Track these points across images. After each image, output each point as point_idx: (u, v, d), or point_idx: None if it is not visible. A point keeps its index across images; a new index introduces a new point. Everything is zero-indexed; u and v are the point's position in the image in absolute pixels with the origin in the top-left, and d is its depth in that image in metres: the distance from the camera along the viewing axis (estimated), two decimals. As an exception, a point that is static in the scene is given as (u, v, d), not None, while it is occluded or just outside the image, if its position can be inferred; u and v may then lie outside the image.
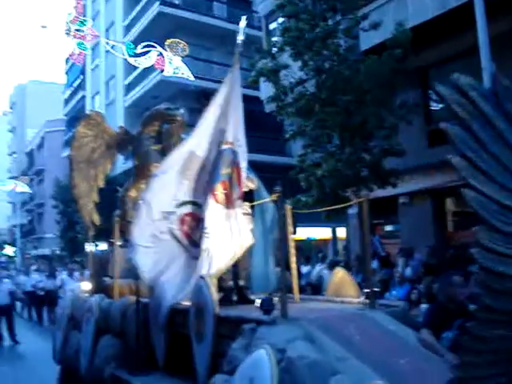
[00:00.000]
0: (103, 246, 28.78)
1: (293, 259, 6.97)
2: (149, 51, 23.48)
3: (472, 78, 2.94)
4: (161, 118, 9.68)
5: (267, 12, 20.28)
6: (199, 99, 25.21)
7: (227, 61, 30.19)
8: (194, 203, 6.96)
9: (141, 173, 9.57)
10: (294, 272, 7.11)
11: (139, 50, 23.27)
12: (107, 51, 29.97)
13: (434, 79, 15.70)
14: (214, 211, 6.60)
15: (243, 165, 6.84)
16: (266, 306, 5.31)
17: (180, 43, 24.07)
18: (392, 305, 6.37)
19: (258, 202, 7.16)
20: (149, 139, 9.62)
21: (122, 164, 15.72)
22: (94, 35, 22.84)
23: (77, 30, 20.79)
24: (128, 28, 32.39)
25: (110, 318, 7.96)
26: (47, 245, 50.47)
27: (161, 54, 23.99)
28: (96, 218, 9.97)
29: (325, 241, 24.81)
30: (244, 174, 6.88)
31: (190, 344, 5.90)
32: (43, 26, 26.58)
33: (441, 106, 15.58)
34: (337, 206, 9.99)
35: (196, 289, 6.07)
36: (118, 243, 8.60)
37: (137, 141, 9.76)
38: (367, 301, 6.06)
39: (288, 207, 6.98)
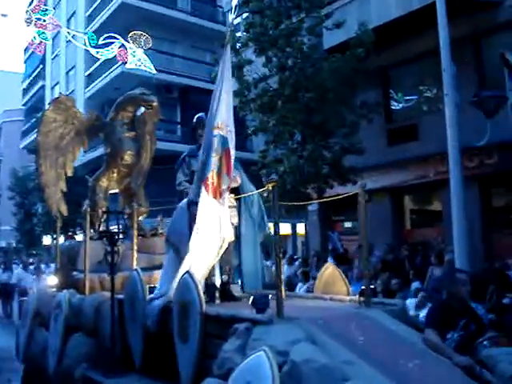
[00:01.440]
0: (61, 239, 28.62)
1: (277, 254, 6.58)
2: (111, 43, 23.25)
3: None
4: (135, 103, 9.25)
5: (231, 7, 20.24)
6: (161, 92, 25.10)
7: (190, 54, 30.12)
8: (195, 203, 6.28)
9: (113, 161, 9.22)
10: (280, 267, 6.69)
11: (101, 41, 23.03)
12: (68, 41, 29.63)
13: (395, 79, 15.96)
14: (204, 203, 6.12)
15: (232, 152, 6.38)
16: (260, 304, 5.00)
17: (143, 35, 23.89)
18: (389, 303, 6.01)
19: (247, 194, 6.91)
20: (122, 126, 9.19)
21: (81, 157, 15.52)
22: (55, 25, 22.52)
23: (38, 19, 20.44)
24: (90, 18, 31.93)
25: (82, 314, 7.52)
26: (3, 237, 49.44)
27: (123, 45, 23.79)
28: (64, 209, 9.49)
29: (284, 237, 24.94)
30: (233, 162, 6.41)
31: (171, 344, 5.52)
32: (3, 15, 26.09)
33: (401, 105, 15.84)
34: (334, 198, 10.06)
35: (181, 285, 5.61)
36: (88, 235, 8.21)
37: (109, 127, 9.28)
38: (362, 299, 5.73)
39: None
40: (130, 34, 23.54)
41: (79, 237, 25.15)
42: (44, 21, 21.14)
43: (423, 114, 14.89)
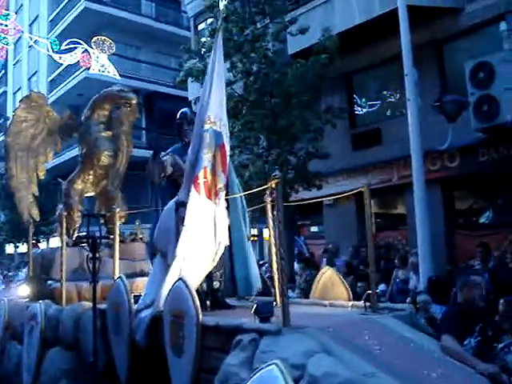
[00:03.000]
0: (23, 247, 28.12)
1: (274, 258, 6.31)
2: (74, 48, 23.04)
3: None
4: (112, 101, 8.83)
5: (196, 12, 20.24)
6: (126, 98, 24.92)
7: (155, 60, 30.02)
8: (184, 204, 5.82)
9: (88, 162, 8.80)
10: (275, 271, 6.26)
11: (64, 46, 22.81)
12: (30, 46, 29.26)
13: (359, 84, 16.12)
14: (195, 204, 5.65)
15: (227, 148, 5.98)
16: (264, 312, 4.62)
17: (106, 41, 23.74)
18: (396, 308, 5.63)
19: (238, 194, 6.62)
20: (98, 125, 8.75)
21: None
22: (17, 29, 22.25)
23: (-1, 24, 20.13)
24: (53, 23, 31.58)
25: (60, 327, 7.02)
26: (-36, 245, 48.51)
27: (86, 50, 23.59)
28: (36, 213, 9.08)
29: (252, 241, 24.95)
30: (228, 158, 6.04)
31: (162, 358, 5.14)
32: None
33: (365, 110, 15.99)
34: (337, 196, 10.07)
35: (174, 293, 5.17)
36: (64, 241, 7.74)
37: (84, 126, 8.82)
38: (367, 304, 5.42)
39: (268, 199, 6.41)
40: (93, 40, 23.37)
41: (42, 244, 24.81)
42: (5, 25, 20.89)
43: (386, 119, 15.07)
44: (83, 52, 23.50)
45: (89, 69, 23.87)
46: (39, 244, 22.43)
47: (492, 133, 11.73)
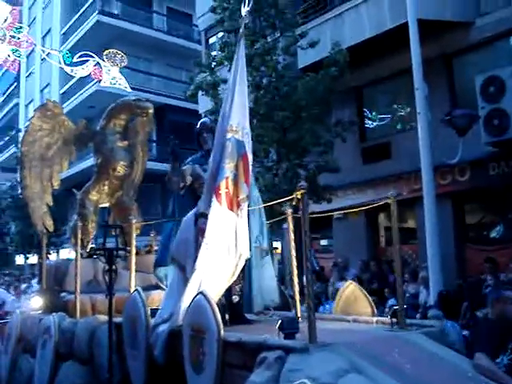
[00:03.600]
0: (33, 258, 28.17)
1: (294, 271, 6.10)
2: (86, 61, 23.20)
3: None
4: (129, 110, 8.67)
5: (207, 26, 20.35)
6: (136, 111, 25.05)
7: (166, 73, 30.16)
8: (204, 215, 5.66)
9: (104, 172, 8.66)
10: (296, 285, 6.14)
11: (76, 59, 22.97)
12: (43, 59, 29.49)
13: (369, 98, 16.12)
14: (216, 215, 5.45)
15: (250, 157, 5.79)
16: (289, 328, 4.41)
17: (118, 53, 23.85)
18: (425, 325, 5.42)
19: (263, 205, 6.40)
20: (114, 134, 8.62)
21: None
22: (29, 42, 22.42)
23: (12, 37, 20.33)
24: (65, 36, 31.84)
25: (74, 340, 6.80)
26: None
27: (98, 63, 23.75)
28: (49, 224, 8.87)
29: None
30: (251, 168, 5.83)
31: (181, 374, 4.92)
32: (-24, 32, 25.85)
33: (375, 124, 15.98)
34: (364, 208, 10.04)
35: (194, 307, 4.95)
36: (79, 252, 7.58)
37: (100, 136, 8.69)
38: (394, 320, 5.17)
39: (289, 210, 6.30)
40: (105, 53, 23.50)
41: (52, 256, 24.84)
42: (18, 38, 21.03)
43: (396, 133, 15.04)
44: (95, 65, 23.68)
45: (100, 81, 24.03)
46: (49, 255, 22.44)
47: (502, 147, 11.69)
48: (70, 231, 8.89)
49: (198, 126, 7.01)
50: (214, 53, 17.03)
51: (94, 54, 23.17)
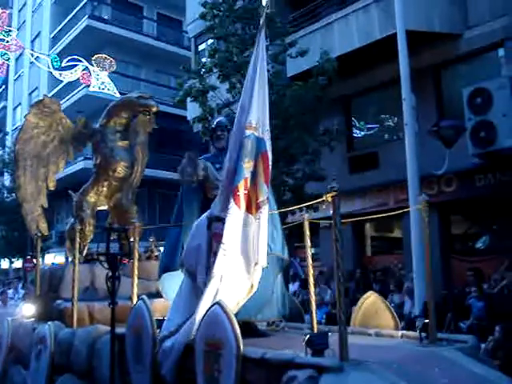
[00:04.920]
0: (18, 262, 27.94)
1: (311, 280, 5.61)
2: (75, 65, 23.19)
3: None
4: (130, 108, 8.27)
5: (197, 33, 20.37)
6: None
7: (155, 79, 30.17)
8: (219, 219, 5.26)
9: (103, 173, 8.25)
10: (313, 295, 5.55)
11: (65, 63, 22.96)
12: (32, 62, 29.40)
13: (357, 107, 16.19)
14: (235, 219, 5.05)
15: (270, 157, 5.37)
16: (318, 344, 4.07)
17: (107, 59, 23.94)
18: (457, 339, 5.08)
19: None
20: (114, 133, 8.23)
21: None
22: (18, 46, 22.41)
23: (1, 40, 20.29)
24: (55, 40, 31.77)
25: (72, 352, 6.33)
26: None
27: (87, 68, 23.76)
28: (44, 227, 8.47)
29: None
30: (271, 168, 5.37)
31: None
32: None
33: (362, 133, 16.04)
34: (389, 214, 10.03)
35: (209, 319, 4.53)
36: (77, 257, 7.15)
37: (99, 135, 8.26)
38: (424, 334, 4.93)
39: (306, 216, 6.04)
40: (93, 57, 23.52)
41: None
42: (7, 41, 21.01)
43: (384, 143, 15.11)
44: (84, 69, 23.66)
45: (89, 86, 24.01)
46: (34, 260, 22.26)
47: (489, 159, 11.75)
48: (66, 234, 8.48)
49: (214, 124, 6.78)
50: (203, 59, 17.05)
51: (82, 59, 23.23)
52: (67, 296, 7.23)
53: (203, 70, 14.64)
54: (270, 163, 5.35)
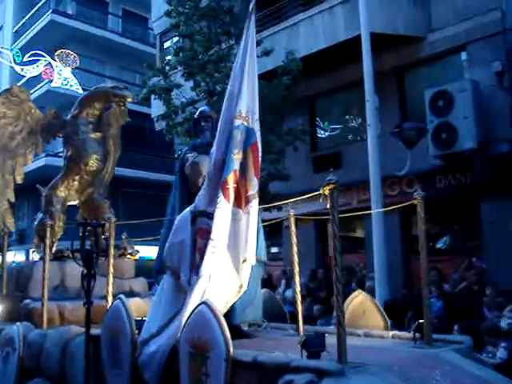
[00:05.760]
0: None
1: (297, 277, 5.68)
2: (37, 60, 22.86)
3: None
4: (104, 98, 7.93)
5: (162, 30, 20.25)
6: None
7: (119, 75, 29.87)
8: (204, 213, 4.99)
9: (74, 166, 7.88)
10: (299, 293, 5.65)
11: (27, 58, 22.63)
12: (-8, 56, 28.86)
13: (321, 108, 16.28)
14: (224, 214, 4.78)
15: (260, 147, 5.13)
16: (315, 346, 3.85)
17: (71, 54, 23.64)
18: (453, 340, 4.93)
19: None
20: (87, 125, 7.85)
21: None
22: (-21, 39, 21.89)
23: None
24: (17, 34, 31.22)
25: (43, 355, 5.96)
26: None
27: (49, 63, 23.43)
28: (11, 222, 8.18)
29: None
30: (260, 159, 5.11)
31: None
32: None
33: (326, 134, 16.14)
34: (391, 208, 10.01)
35: (196, 320, 4.24)
36: (47, 254, 6.79)
37: (71, 126, 7.88)
38: (418, 335, 4.81)
39: (291, 211, 5.77)
40: (56, 53, 23.19)
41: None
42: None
43: (347, 143, 15.22)
44: (46, 65, 23.33)
45: (51, 81, 23.68)
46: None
47: (450, 160, 11.94)
48: (34, 230, 8.04)
49: (197, 114, 6.46)
50: (168, 57, 16.96)
51: (45, 54, 22.89)
52: (36, 295, 6.94)
53: (168, 67, 14.58)
54: (260, 154, 5.12)
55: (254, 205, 5.00)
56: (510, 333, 7.87)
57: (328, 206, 4.13)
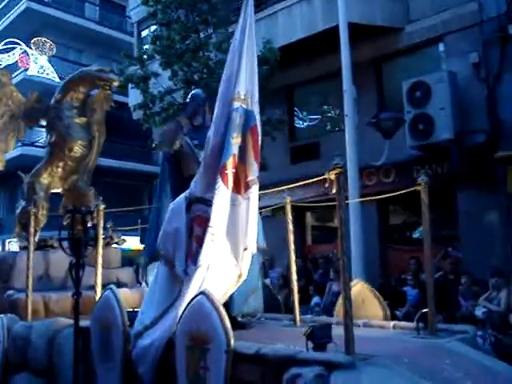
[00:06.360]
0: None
1: (293, 267, 5.59)
2: (12, 48, 22.55)
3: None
4: (89, 82, 7.68)
5: (139, 18, 20.08)
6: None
7: (96, 64, 29.59)
8: (201, 200, 4.83)
9: (58, 152, 7.65)
10: (295, 285, 5.59)
11: (2, 46, 22.31)
12: (-33, 44, 28.41)
13: (300, 98, 16.28)
14: (223, 200, 4.60)
15: (259, 130, 4.95)
16: (321, 338, 3.70)
17: (47, 42, 23.35)
18: (458, 330, 4.81)
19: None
20: (71, 109, 7.63)
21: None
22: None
23: None
24: (-8, 22, 30.82)
25: (29, 348, 5.75)
26: None
27: (25, 51, 23.12)
28: None
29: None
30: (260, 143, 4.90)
31: None
32: None
33: (304, 124, 16.14)
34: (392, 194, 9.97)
35: (194, 310, 4.03)
36: (31, 243, 6.54)
37: (55, 111, 7.65)
38: (421, 325, 4.70)
39: (288, 198, 5.48)
40: (32, 41, 22.88)
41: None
42: None
43: (325, 133, 15.24)
44: (22, 53, 23.03)
45: (27, 70, 23.39)
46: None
47: (426, 150, 12.03)
48: (17, 219, 7.82)
49: (190, 98, 6.25)
50: (146, 46, 16.84)
51: (21, 42, 22.59)
52: (19, 286, 6.74)
53: (145, 56, 14.48)
54: (260, 138, 4.95)
55: (255, 190, 4.83)
56: (484, 321, 8.00)
57: (334, 191, 4.01)
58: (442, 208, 12.74)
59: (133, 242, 18.72)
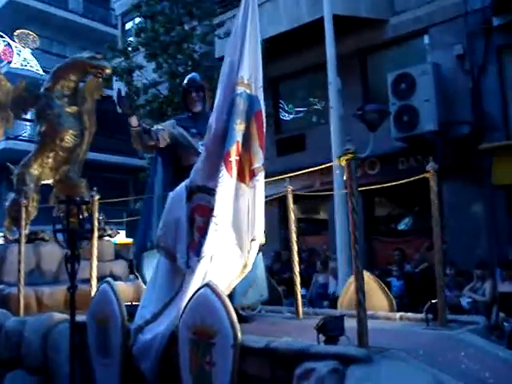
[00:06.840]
0: None
1: (295, 258, 5.48)
2: (-5, 41, 22.28)
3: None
4: (80, 69, 7.45)
5: (123, 11, 19.95)
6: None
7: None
8: (203, 189, 4.63)
9: (49, 142, 7.43)
10: (297, 276, 5.48)
11: (-16, 38, 22.03)
12: (-51, 37, 28.09)
13: (285, 90, 16.27)
14: (227, 189, 4.44)
15: (264, 117, 4.75)
16: (333, 330, 3.53)
17: (30, 35, 23.13)
18: (468, 321, 4.68)
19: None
20: (61, 98, 7.40)
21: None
22: None
23: None
24: (-26, 14, 30.50)
25: (23, 344, 5.56)
26: None
27: (8, 44, 22.91)
28: None
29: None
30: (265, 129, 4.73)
31: None
32: None
33: (290, 116, 16.14)
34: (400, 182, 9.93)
35: (197, 303, 3.83)
36: (22, 236, 6.36)
37: (45, 100, 7.42)
38: (430, 316, 4.58)
39: (289, 187, 5.44)
40: (16, 33, 22.67)
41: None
42: None
43: (311, 126, 15.26)
44: (5, 45, 22.83)
45: (10, 62, 23.19)
46: None
47: (411, 142, 12.08)
48: (6, 211, 7.56)
49: (186, 83, 5.90)
50: (130, 38, 16.75)
51: (4, 35, 22.36)
52: (10, 280, 6.57)
53: (129, 48, 14.41)
54: (265, 124, 4.73)
55: (261, 178, 4.64)
56: (470, 311, 8.07)
57: (345, 178, 3.85)
58: (426, 200, 12.80)
59: (119, 236, 18.73)
